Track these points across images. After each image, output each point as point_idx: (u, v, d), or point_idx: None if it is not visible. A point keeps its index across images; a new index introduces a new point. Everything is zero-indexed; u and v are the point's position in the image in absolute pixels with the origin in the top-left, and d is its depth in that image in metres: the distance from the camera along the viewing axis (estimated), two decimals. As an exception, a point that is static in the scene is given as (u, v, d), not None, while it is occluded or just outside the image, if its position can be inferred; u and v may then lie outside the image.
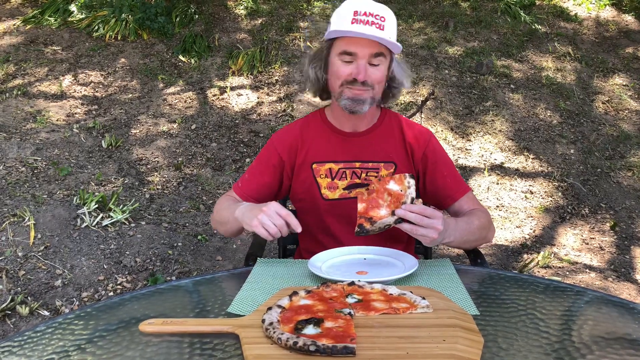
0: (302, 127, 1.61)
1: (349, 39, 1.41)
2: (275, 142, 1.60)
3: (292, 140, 1.58)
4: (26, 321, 2.58)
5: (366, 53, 1.41)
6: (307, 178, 1.57)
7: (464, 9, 6.74)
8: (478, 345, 0.90)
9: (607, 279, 3.27)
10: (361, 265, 1.32)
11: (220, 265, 3.20)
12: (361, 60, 1.41)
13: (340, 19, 1.41)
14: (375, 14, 1.39)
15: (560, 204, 4.08)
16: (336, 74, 1.46)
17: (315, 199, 1.56)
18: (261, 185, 1.58)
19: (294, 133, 1.60)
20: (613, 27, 6.64)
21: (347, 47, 1.41)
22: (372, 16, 1.38)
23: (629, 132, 4.98)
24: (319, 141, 1.58)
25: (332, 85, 1.51)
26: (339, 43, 1.44)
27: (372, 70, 1.43)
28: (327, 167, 1.56)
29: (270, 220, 1.28)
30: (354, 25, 1.38)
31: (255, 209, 1.34)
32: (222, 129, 4.65)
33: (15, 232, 3.12)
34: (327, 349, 0.85)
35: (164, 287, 1.24)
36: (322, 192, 1.55)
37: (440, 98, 5.07)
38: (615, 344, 0.95)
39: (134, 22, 5.68)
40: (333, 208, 1.55)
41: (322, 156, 1.56)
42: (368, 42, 1.40)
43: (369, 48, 1.40)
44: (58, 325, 1.04)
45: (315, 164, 1.56)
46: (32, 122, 4.36)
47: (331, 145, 1.57)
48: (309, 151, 1.57)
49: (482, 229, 1.48)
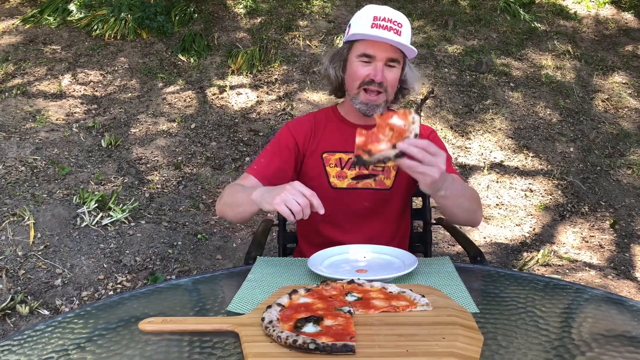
0: (316, 117, 1.68)
1: (368, 42, 1.49)
2: (291, 127, 1.65)
3: (307, 127, 1.64)
4: (26, 320, 2.58)
5: (384, 56, 1.48)
6: (317, 166, 1.60)
7: (464, 8, 6.74)
8: (478, 343, 0.90)
9: (607, 276, 3.28)
10: (361, 264, 1.33)
11: (219, 264, 3.20)
12: (379, 63, 1.48)
13: (361, 23, 1.49)
14: (394, 20, 1.47)
15: (560, 202, 4.09)
16: (354, 74, 1.52)
17: (323, 187, 1.59)
18: (278, 168, 1.58)
19: (309, 121, 1.66)
20: (612, 25, 6.63)
21: (366, 49, 1.49)
22: (390, 22, 1.46)
23: (628, 130, 4.98)
24: (331, 132, 1.64)
25: (349, 85, 1.57)
26: (358, 46, 1.51)
27: (388, 73, 1.50)
28: (337, 157, 1.60)
29: (294, 198, 1.24)
30: (374, 29, 1.46)
31: (276, 188, 1.30)
32: (222, 127, 4.65)
33: (15, 231, 3.12)
34: (327, 347, 0.85)
35: (163, 285, 1.24)
36: (330, 180, 1.59)
37: (440, 96, 5.07)
38: (615, 341, 0.95)
39: (133, 21, 5.68)
40: (340, 197, 1.58)
41: (333, 146, 1.61)
42: (386, 46, 1.47)
43: (386, 52, 1.48)
44: (58, 324, 1.04)
45: (326, 153, 1.61)
46: (32, 122, 4.36)
47: (342, 136, 1.62)
48: (321, 140, 1.62)
49: (474, 200, 1.47)
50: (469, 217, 1.47)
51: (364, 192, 1.58)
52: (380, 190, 1.59)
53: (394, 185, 1.59)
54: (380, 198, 1.59)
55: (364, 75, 1.50)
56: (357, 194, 1.58)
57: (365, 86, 1.51)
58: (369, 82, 1.50)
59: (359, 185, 1.58)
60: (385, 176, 1.59)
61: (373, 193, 1.59)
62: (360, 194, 1.58)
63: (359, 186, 1.58)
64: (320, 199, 1.57)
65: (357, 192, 1.58)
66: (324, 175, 1.59)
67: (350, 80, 1.55)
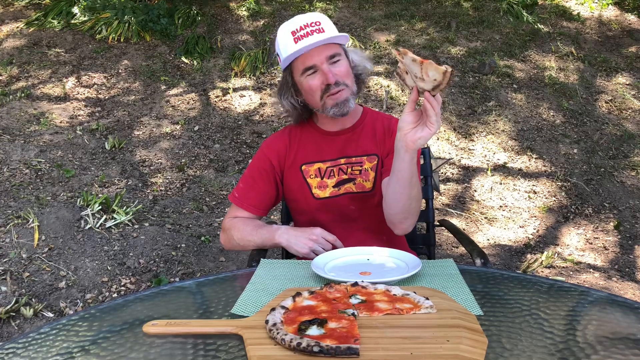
0: (291, 131, 1.68)
1: (301, 57, 1.49)
2: (264, 148, 1.67)
3: (281, 145, 1.65)
4: (30, 323, 2.59)
5: (322, 59, 1.48)
6: (298, 180, 1.62)
7: (466, 9, 6.74)
8: (482, 346, 0.90)
9: (611, 278, 3.26)
10: (364, 266, 1.32)
11: (223, 266, 3.20)
12: (323, 66, 1.48)
13: (285, 44, 1.50)
14: (310, 23, 1.48)
15: (563, 203, 4.07)
16: (310, 90, 1.52)
17: (307, 199, 1.62)
18: (259, 193, 1.64)
19: (282, 138, 1.67)
20: (616, 26, 6.62)
21: (304, 63, 1.49)
22: (308, 27, 1.47)
23: (632, 131, 4.97)
24: (307, 143, 1.64)
25: (312, 102, 1.56)
26: (295, 64, 1.52)
27: (336, 68, 1.50)
28: (315, 167, 1.62)
29: (321, 247, 1.45)
30: (298, 43, 1.47)
31: (302, 236, 1.48)
32: (225, 130, 4.65)
33: (19, 233, 3.13)
34: (331, 350, 0.85)
35: (167, 288, 1.24)
36: (313, 192, 1.61)
37: (443, 98, 5.06)
38: (620, 344, 0.95)
39: (137, 24, 5.70)
40: (325, 206, 1.61)
41: (310, 157, 1.62)
42: (318, 49, 1.47)
43: (321, 54, 1.48)
44: (62, 327, 1.05)
45: (304, 165, 1.62)
46: (36, 124, 4.38)
47: (318, 146, 1.63)
48: (298, 154, 1.63)
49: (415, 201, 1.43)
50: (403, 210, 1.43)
51: (347, 197, 1.60)
52: (363, 193, 1.60)
53: (374, 187, 1.60)
54: (364, 200, 1.60)
55: (319, 85, 1.50)
56: (341, 199, 1.60)
57: (327, 93, 1.50)
58: (326, 88, 1.49)
59: (340, 192, 1.60)
60: (364, 179, 1.60)
61: (356, 196, 1.60)
62: (343, 199, 1.60)
63: (340, 192, 1.60)
64: (307, 211, 1.64)
65: (340, 199, 1.60)
66: (306, 188, 1.61)
67: (310, 97, 1.55)
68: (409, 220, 1.48)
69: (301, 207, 1.66)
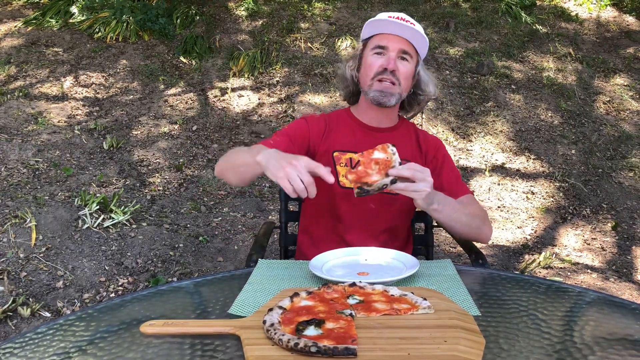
0: (330, 117, 1.71)
1: (381, 35, 1.59)
2: (309, 120, 1.68)
3: (322, 124, 1.67)
4: (27, 322, 2.58)
5: (396, 47, 1.56)
6: (328, 164, 1.58)
7: (465, 10, 6.74)
8: (479, 346, 0.90)
9: (609, 279, 3.27)
10: (362, 266, 1.33)
11: (221, 266, 3.20)
12: (392, 53, 1.56)
13: (375, 21, 1.60)
14: (407, 20, 1.59)
15: (561, 204, 4.08)
16: (368, 67, 1.59)
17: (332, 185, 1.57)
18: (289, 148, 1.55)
19: (323, 119, 1.69)
20: (614, 27, 6.63)
21: (379, 41, 1.58)
22: (403, 20, 1.58)
23: (630, 132, 4.98)
24: (343, 131, 1.67)
25: (364, 79, 1.62)
26: (372, 40, 1.61)
27: (401, 64, 1.57)
28: (347, 157, 1.60)
29: (299, 175, 1.19)
30: (388, 22, 1.57)
31: (283, 158, 1.25)
32: (223, 130, 4.65)
33: (16, 233, 3.13)
34: (328, 350, 0.85)
35: (165, 288, 1.24)
36: (339, 179, 1.58)
37: (441, 99, 5.07)
38: (617, 344, 0.95)
39: (135, 23, 5.69)
40: (348, 196, 1.60)
41: (344, 145, 1.63)
42: (398, 39, 1.57)
43: (399, 43, 1.57)
44: (59, 327, 1.04)
45: (336, 152, 1.63)
46: (34, 124, 4.37)
47: (354, 137, 1.65)
48: (333, 139, 1.64)
49: (475, 217, 1.52)
50: (471, 232, 1.52)
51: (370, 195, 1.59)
52: (386, 194, 1.59)
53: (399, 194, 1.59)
54: (386, 202, 1.60)
55: (377, 66, 1.56)
56: None
57: (379, 76, 1.56)
58: (382, 71, 1.55)
59: None
60: None
61: (380, 196, 1.59)
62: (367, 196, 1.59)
63: None
64: (328, 196, 1.61)
65: None
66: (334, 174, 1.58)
67: (365, 73, 1.61)
68: (482, 232, 1.54)
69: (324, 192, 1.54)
